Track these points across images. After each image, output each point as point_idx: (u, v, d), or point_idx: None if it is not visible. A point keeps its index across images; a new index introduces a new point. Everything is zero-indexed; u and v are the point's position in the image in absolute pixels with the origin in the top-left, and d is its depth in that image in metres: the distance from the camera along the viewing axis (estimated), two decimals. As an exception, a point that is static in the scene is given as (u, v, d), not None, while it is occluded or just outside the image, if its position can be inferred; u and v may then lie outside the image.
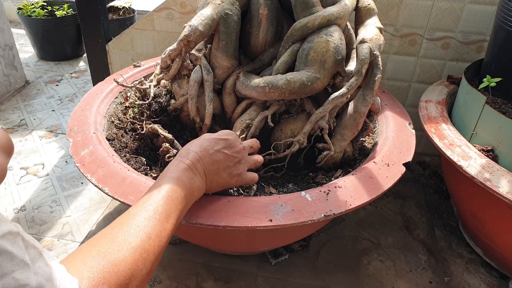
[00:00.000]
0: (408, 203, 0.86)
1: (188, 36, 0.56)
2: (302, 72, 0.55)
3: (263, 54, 0.61)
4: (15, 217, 0.79)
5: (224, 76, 0.61)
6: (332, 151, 0.57)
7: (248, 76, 0.59)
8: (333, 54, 0.54)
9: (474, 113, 0.65)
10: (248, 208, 0.47)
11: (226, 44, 0.58)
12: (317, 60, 0.54)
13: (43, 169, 0.93)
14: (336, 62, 0.55)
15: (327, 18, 0.55)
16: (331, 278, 0.68)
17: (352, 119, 0.57)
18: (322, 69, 0.54)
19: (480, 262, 0.72)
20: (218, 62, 0.59)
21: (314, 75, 0.54)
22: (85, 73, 1.42)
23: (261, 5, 0.57)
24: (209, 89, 0.59)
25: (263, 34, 0.59)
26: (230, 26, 0.57)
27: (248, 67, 0.61)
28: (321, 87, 0.56)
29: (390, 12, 0.85)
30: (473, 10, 0.82)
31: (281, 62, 0.57)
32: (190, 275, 0.67)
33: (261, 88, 0.56)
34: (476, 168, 0.57)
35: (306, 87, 0.54)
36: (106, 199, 0.84)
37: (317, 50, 0.54)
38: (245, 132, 0.59)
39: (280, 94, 0.56)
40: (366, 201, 0.49)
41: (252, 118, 0.59)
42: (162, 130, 0.57)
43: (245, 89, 0.58)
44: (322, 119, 0.55)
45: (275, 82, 0.55)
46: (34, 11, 1.45)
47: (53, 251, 0.72)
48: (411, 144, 0.61)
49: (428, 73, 0.91)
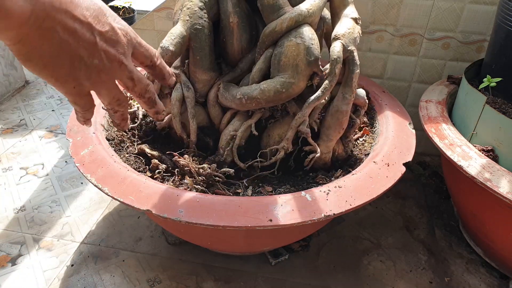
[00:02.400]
0: (408, 203, 0.86)
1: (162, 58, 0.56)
2: (276, 79, 0.54)
3: (242, 61, 0.61)
4: (15, 217, 0.79)
5: (205, 89, 0.60)
6: (318, 153, 0.57)
7: (227, 88, 0.58)
8: (305, 56, 0.53)
9: (474, 113, 0.65)
10: (248, 208, 0.47)
11: (201, 58, 0.57)
12: (289, 65, 0.53)
13: (43, 169, 0.93)
14: (309, 64, 0.53)
15: (294, 19, 0.53)
16: (331, 278, 0.68)
17: (335, 119, 0.56)
18: (295, 73, 0.53)
19: (480, 262, 0.72)
20: (196, 77, 0.59)
21: (288, 80, 0.53)
22: (85, 73, 1.42)
23: (230, 14, 0.56)
24: (191, 105, 0.59)
25: (237, 42, 0.58)
26: (202, 40, 0.57)
27: (228, 76, 0.60)
28: (297, 91, 0.55)
29: (390, 12, 0.85)
30: (473, 10, 0.82)
31: (255, 70, 0.56)
32: (190, 275, 0.67)
33: (238, 100, 0.56)
34: (476, 168, 0.57)
35: (281, 94, 0.54)
36: (106, 199, 0.84)
37: (287, 54, 0.53)
38: (231, 143, 0.59)
39: (257, 104, 0.55)
40: (366, 201, 0.49)
41: (236, 129, 0.58)
42: (149, 150, 0.59)
43: (225, 100, 0.58)
44: (303, 124, 0.54)
45: (250, 93, 0.55)
46: (34, 11, 1.44)
47: (53, 251, 0.72)
48: (411, 144, 0.61)
49: (428, 73, 0.91)
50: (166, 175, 0.56)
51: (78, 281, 0.66)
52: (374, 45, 0.89)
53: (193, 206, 0.47)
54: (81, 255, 0.71)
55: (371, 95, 0.75)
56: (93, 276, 0.67)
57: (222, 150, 0.59)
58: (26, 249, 0.72)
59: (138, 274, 0.67)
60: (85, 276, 0.67)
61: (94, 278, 0.67)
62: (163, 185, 0.50)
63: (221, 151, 0.59)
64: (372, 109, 0.73)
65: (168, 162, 0.58)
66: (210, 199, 0.48)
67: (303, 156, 0.59)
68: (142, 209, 0.47)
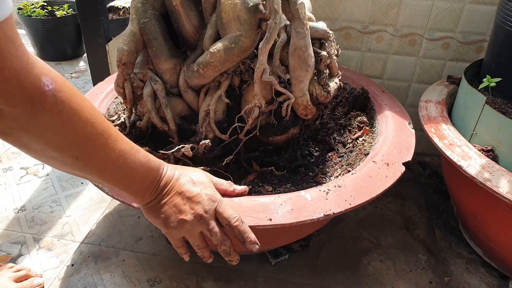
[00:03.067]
0: (408, 203, 0.86)
1: (120, 60, 0.56)
2: (224, 38, 0.53)
3: (200, 39, 0.60)
4: (15, 217, 0.79)
5: (174, 78, 0.60)
6: (292, 99, 0.54)
7: (189, 67, 0.57)
8: (242, 5, 0.51)
9: (474, 113, 0.65)
10: (248, 207, 0.47)
11: (158, 48, 0.57)
12: (230, 19, 0.52)
13: (43, 169, 0.93)
14: (250, 11, 0.51)
15: None
16: (331, 278, 0.68)
17: (297, 58, 0.53)
18: (239, 25, 0.51)
19: (480, 262, 0.72)
20: (160, 68, 0.59)
21: (234, 34, 0.52)
22: (85, 73, 1.42)
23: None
24: (162, 95, 0.58)
25: (187, 22, 0.57)
26: (152, 31, 0.57)
27: (191, 58, 0.59)
28: (249, 43, 0.53)
29: (390, 12, 0.85)
30: (473, 10, 0.82)
31: (206, 38, 0.55)
32: (190, 275, 0.67)
33: (197, 73, 0.54)
34: (476, 168, 0.57)
35: (232, 50, 0.52)
36: (106, 199, 0.84)
37: (226, 10, 0.51)
38: (207, 120, 0.57)
39: (213, 69, 0.53)
40: (366, 200, 0.49)
41: (209, 104, 0.57)
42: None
43: (190, 79, 0.57)
44: (264, 73, 0.52)
45: (204, 60, 0.54)
46: (34, 11, 1.45)
47: (53, 251, 0.72)
48: (411, 144, 0.61)
49: (428, 73, 0.91)
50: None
51: (78, 281, 0.66)
52: (373, 45, 0.90)
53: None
54: (81, 255, 0.71)
55: (371, 95, 0.75)
56: (93, 276, 0.67)
57: (201, 128, 0.58)
58: (27, 249, 0.72)
59: (138, 274, 0.68)
60: (85, 276, 0.67)
61: (94, 278, 0.67)
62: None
63: (200, 129, 0.58)
64: (371, 109, 0.73)
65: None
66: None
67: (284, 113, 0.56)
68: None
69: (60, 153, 0.32)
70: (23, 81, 0.27)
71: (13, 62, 0.26)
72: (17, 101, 0.27)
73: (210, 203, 0.41)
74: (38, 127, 0.29)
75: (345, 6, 0.87)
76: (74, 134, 0.31)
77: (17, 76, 0.26)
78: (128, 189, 0.38)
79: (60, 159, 0.33)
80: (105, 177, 0.36)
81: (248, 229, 0.42)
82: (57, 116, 0.30)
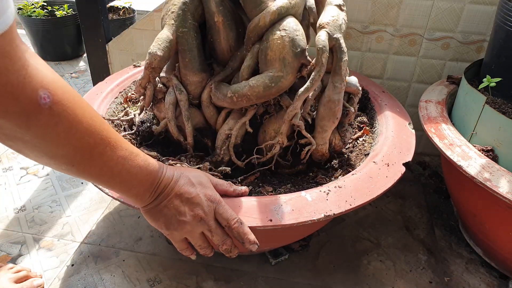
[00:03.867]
0: (408, 203, 0.86)
1: (150, 63, 0.56)
2: (264, 74, 0.54)
3: (232, 59, 0.61)
4: (15, 217, 0.79)
5: (198, 91, 0.61)
6: (314, 145, 0.56)
7: (218, 87, 0.58)
8: (291, 48, 0.52)
9: (474, 113, 0.65)
10: (248, 207, 0.47)
11: (190, 60, 0.57)
12: (276, 59, 0.53)
13: (43, 169, 0.93)
14: (296, 56, 0.53)
15: (277, 12, 0.53)
16: (331, 278, 0.68)
17: (327, 109, 0.55)
18: (283, 66, 0.53)
19: (480, 262, 0.72)
20: (188, 79, 0.59)
21: (276, 74, 0.53)
22: (85, 73, 1.42)
23: (214, 14, 0.56)
24: (185, 108, 0.59)
25: (224, 40, 0.58)
26: (189, 42, 0.57)
27: (220, 76, 0.60)
28: (287, 84, 0.54)
29: (390, 12, 0.85)
30: (473, 10, 0.82)
31: (244, 67, 0.56)
32: (190, 274, 0.67)
33: (229, 98, 0.56)
34: (476, 168, 0.57)
35: (271, 89, 0.53)
36: (106, 199, 0.84)
37: (273, 48, 0.52)
38: (227, 142, 0.58)
39: (247, 101, 0.55)
40: (366, 201, 0.49)
41: (231, 128, 0.58)
42: (147, 151, 0.59)
43: (218, 100, 0.58)
44: (295, 117, 0.54)
45: (240, 90, 0.55)
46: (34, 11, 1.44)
47: (53, 251, 0.72)
48: (411, 144, 0.61)
49: (428, 73, 0.91)
50: None
51: (78, 280, 0.66)
52: (373, 45, 0.90)
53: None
54: (81, 255, 0.71)
55: (370, 95, 0.75)
56: (93, 276, 0.67)
57: (219, 150, 0.59)
58: (27, 248, 0.72)
59: (138, 274, 0.68)
60: (85, 276, 0.67)
61: (94, 278, 0.67)
62: (163, 185, 0.50)
63: (217, 150, 0.59)
64: (372, 109, 0.73)
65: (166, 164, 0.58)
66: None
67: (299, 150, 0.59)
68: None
69: (55, 161, 0.32)
70: (19, 95, 0.27)
71: (8, 77, 0.26)
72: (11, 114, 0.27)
73: (209, 204, 0.41)
74: (33, 138, 0.29)
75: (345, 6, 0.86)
76: (70, 145, 0.32)
77: (12, 90, 0.26)
78: (127, 192, 0.38)
79: (55, 165, 0.33)
80: (102, 182, 0.36)
81: (247, 230, 0.42)
82: (52, 129, 0.30)
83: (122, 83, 0.76)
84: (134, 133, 0.64)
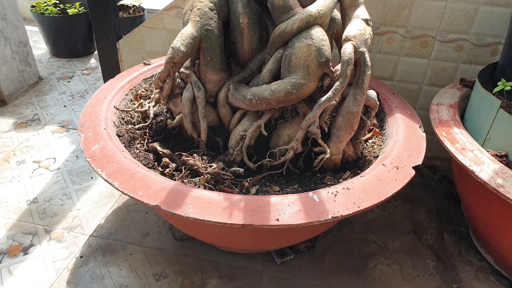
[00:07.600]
0: (417, 207, 0.85)
1: (172, 58, 0.56)
2: (286, 80, 0.54)
3: (252, 61, 0.61)
4: (27, 208, 0.81)
5: (215, 89, 0.61)
6: (328, 154, 0.56)
7: (237, 88, 0.58)
8: (316, 57, 0.53)
9: (488, 117, 0.63)
10: (256, 207, 0.47)
11: (212, 59, 0.58)
12: (300, 66, 0.53)
13: (55, 163, 0.95)
14: (320, 65, 0.54)
15: (305, 20, 0.53)
16: (336, 280, 0.68)
17: (345, 120, 0.56)
18: (306, 74, 0.53)
19: (491, 270, 0.71)
20: (207, 77, 0.60)
21: (298, 81, 0.53)
22: (96, 70, 1.44)
23: (240, 15, 0.56)
24: (201, 105, 0.59)
25: (247, 42, 0.58)
26: (212, 41, 0.57)
27: (238, 77, 0.61)
28: (308, 92, 0.55)
29: (401, 14, 0.84)
30: (488, 12, 0.80)
31: (266, 71, 0.57)
32: (196, 271, 0.68)
33: (248, 100, 0.56)
34: (488, 173, 0.56)
35: (292, 95, 0.54)
36: (115, 194, 0.85)
37: (298, 55, 0.53)
38: (240, 143, 0.59)
39: (267, 105, 0.55)
40: (374, 203, 0.49)
41: (246, 129, 0.59)
42: (160, 148, 0.59)
43: (235, 101, 0.58)
44: (313, 125, 0.54)
45: (261, 94, 0.55)
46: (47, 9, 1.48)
47: (63, 243, 0.73)
48: (421, 147, 0.60)
49: (440, 76, 0.89)
50: (176, 172, 0.57)
51: (86, 272, 0.67)
52: (384, 46, 0.89)
53: (202, 203, 0.47)
54: (90, 248, 0.72)
55: (381, 97, 0.74)
56: (101, 268, 0.68)
57: (232, 150, 0.59)
58: (38, 239, 0.74)
59: (144, 268, 0.68)
60: (93, 268, 0.68)
61: (102, 270, 0.68)
62: (172, 182, 0.51)
63: (230, 150, 0.60)
64: (382, 111, 0.72)
65: (178, 161, 0.59)
66: (218, 197, 0.48)
67: (313, 157, 0.59)
68: (151, 205, 0.47)
69: None
70: None
71: None
72: None
73: None
74: None
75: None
76: None
77: None
78: None
79: None
80: None
81: None
82: None
83: (133, 81, 0.77)
84: (148, 125, 0.65)
